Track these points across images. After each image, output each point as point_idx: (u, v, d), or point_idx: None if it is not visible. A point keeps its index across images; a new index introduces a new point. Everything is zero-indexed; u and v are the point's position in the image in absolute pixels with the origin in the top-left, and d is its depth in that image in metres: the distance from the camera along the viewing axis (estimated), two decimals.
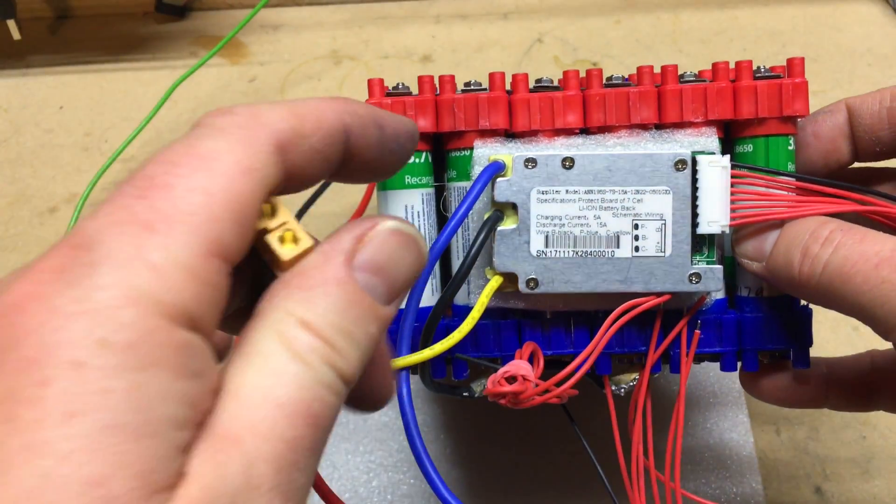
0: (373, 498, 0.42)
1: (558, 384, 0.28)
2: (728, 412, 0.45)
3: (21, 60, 0.57)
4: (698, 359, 0.32)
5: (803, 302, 0.31)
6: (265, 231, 0.19)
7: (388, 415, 0.45)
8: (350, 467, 0.43)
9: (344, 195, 0.48)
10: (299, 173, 0.19)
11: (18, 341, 0.15)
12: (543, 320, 0.31)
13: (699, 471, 0.31)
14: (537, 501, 0.43)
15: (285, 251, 0.18)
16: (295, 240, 0.19)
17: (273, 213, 0.19)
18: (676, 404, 0.30)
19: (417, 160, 0.31)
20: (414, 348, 0.27)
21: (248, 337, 0.17)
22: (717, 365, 0.46)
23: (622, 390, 0.31)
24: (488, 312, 0.30)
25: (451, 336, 0.28)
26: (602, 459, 0.33)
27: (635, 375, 0.31)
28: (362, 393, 0.20)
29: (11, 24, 0.53)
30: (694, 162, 0.28)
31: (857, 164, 0.32)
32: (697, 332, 0.29)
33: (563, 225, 0.28)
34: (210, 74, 0.55)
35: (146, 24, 0.59)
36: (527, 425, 0.45)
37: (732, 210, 0.28)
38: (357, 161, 0.21)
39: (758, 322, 0.30)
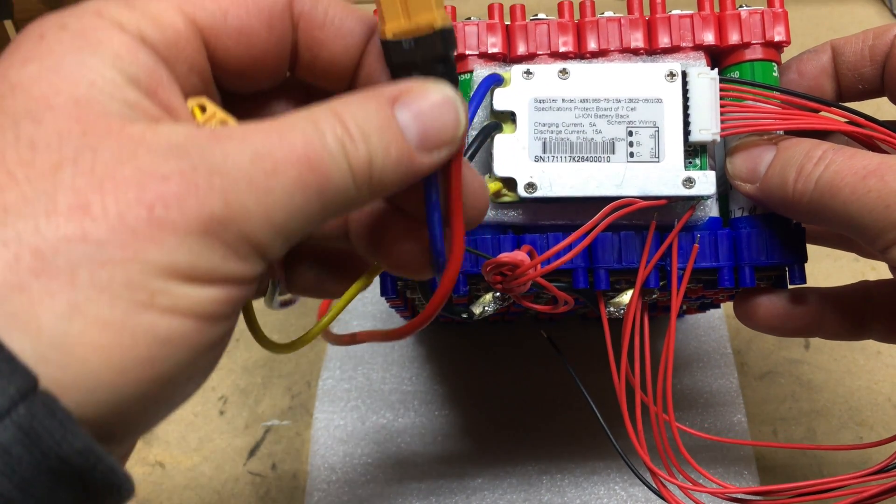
0: (373, 500, 0.43)
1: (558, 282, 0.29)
2: (726, 413, 0.45)
3: None
4: (695, 279, 0.31)
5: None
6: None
7: (386, 416, 0.45)
8: (348, 469, 0.44)
9: None
10: (232, 60, 0.20)
11: None
12: (541, 237, 0.31)
13: (697, 471, 0.31)
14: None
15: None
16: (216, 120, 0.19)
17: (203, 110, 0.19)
18: (668, 333, 0.30)
19: None
20: None
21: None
22: (714, 367, 0.47)
23: (620, 312, 0.31)
24: (487, 228, 0.30)
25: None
26: (596, 396, 0.33)
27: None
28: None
29: (9, 24, 0.53)
30: (684, 75, 0.29)
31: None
32: (696, 245, 0.30)
33: (560, 132, 0.29)
34: None
35: None
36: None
37: (723, 122, 0.29)
38: (315, 48, 0.21)
39: (753, 237, 0.30)
